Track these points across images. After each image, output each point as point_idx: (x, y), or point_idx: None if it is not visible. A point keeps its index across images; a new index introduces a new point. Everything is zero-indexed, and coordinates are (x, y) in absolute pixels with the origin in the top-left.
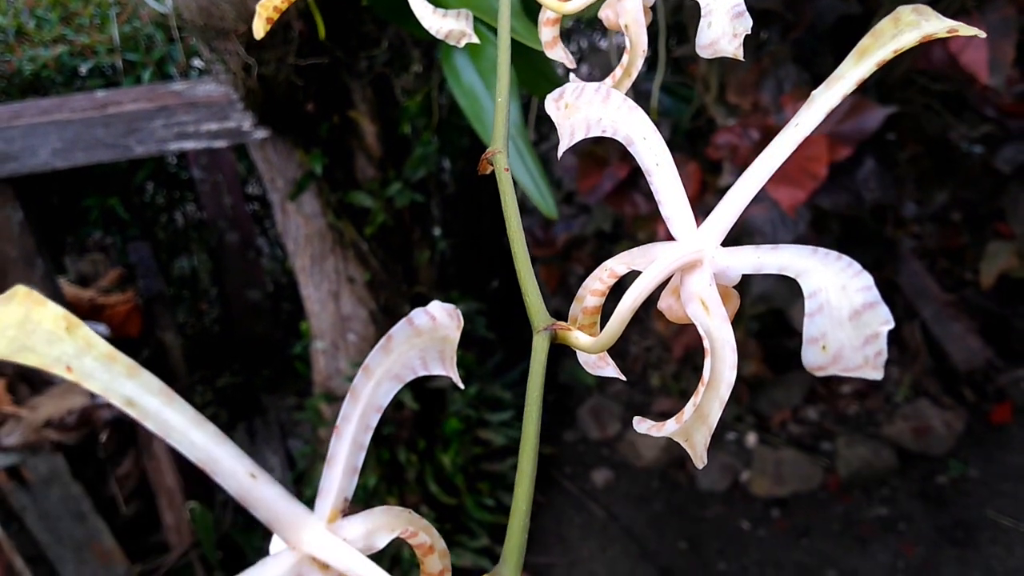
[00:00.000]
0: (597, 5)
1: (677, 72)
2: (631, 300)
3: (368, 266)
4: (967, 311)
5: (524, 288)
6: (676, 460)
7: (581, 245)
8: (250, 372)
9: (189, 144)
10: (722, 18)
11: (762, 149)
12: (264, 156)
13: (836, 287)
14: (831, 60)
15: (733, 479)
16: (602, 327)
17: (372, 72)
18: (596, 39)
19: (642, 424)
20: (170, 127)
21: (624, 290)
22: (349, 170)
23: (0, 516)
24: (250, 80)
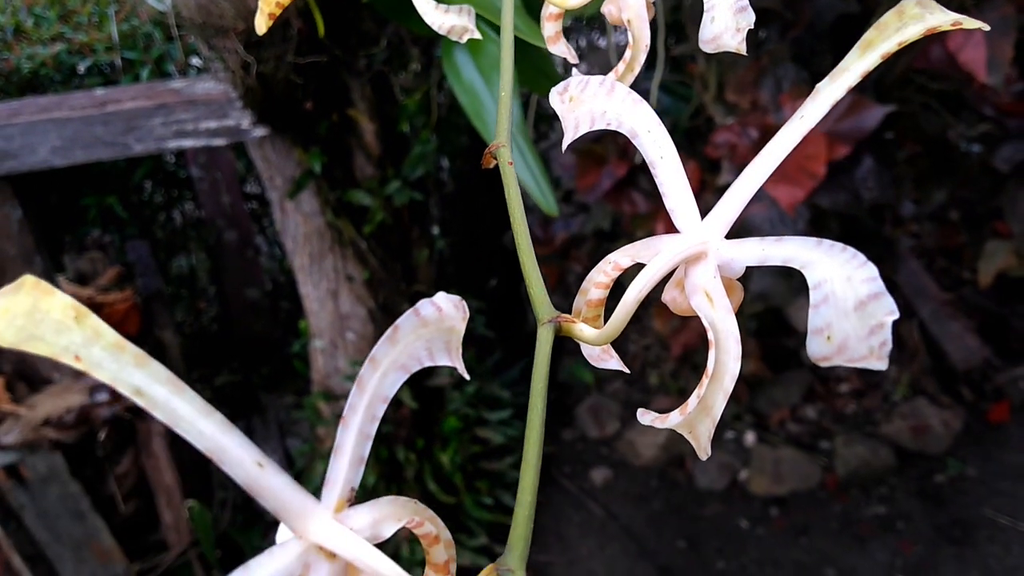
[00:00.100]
0: (599, 1)
1: (676, 71)
2: (636, 292)
3: (367, 264)
4: (965, 310)
5: (528, 280)
6: (675, 459)
7: (580, 244)
8: (249, 371)
9: (188, 142)
10: (725, 13)
11: (761, 148)
12: (263, 154)
13: (841, 278)
14: (830, 59)
15: (732, 478)
16: (605, 321)
17: (371, 70)
18: (595, 38)
19: (646, 416)
20: (169, 125)
21: (624, 290)
22: (348, 168)
23: None
24: (249, 78)
